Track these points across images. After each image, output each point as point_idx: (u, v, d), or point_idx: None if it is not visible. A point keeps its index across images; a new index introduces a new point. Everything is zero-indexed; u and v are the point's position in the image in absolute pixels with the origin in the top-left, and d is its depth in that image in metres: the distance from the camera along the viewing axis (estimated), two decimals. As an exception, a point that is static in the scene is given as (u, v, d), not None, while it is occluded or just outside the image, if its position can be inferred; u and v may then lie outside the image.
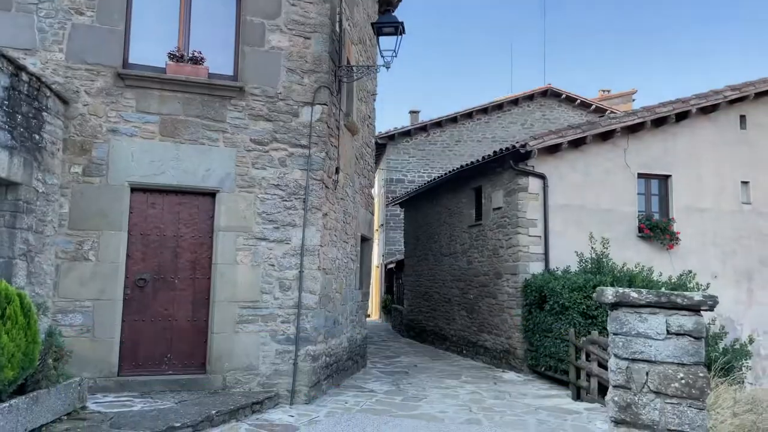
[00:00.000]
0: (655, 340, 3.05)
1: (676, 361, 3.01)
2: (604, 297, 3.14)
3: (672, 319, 3.03)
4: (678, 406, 2.98)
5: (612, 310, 3.19)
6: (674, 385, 2.98)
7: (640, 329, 3.08)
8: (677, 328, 3.02)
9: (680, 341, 3.01)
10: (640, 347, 3.07)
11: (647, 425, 3.02)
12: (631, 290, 3.08)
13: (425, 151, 25.08)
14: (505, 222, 12.10)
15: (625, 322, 3.10)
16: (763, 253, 12.58)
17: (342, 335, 9.69)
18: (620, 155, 12.13)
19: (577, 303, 9.67)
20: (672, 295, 3.00)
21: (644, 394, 3.04)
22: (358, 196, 10.90)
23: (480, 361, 13.05)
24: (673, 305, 3.01)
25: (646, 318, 3.07)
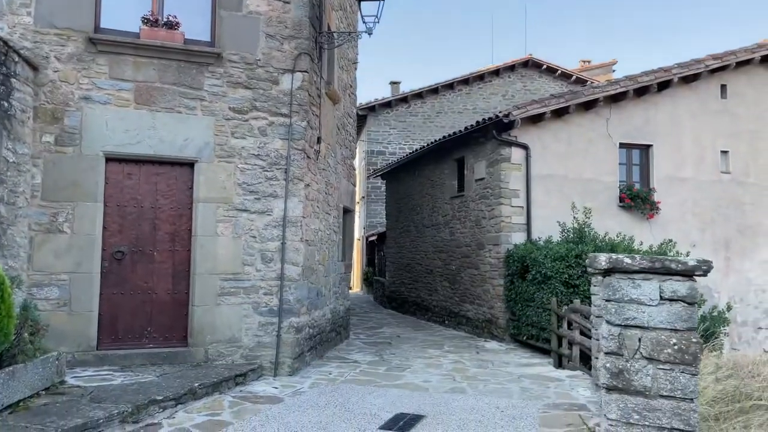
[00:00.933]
0: (648, 306, 3.01)
1: (669, 326, 2.97)
2: (597, 263, 3.08)
3: (665, 285, 2.99)
4: (670, 371, 2.95)
5: (604, 276, 3.14)
6: (667, 350, 2.95)
7: (633, 295, 3.04)
8: (671, 294, 2.98)
9: (673, 307, 2.98)
10: (632, 313, 3.03)
11: (639, 391, 2.99)
12: (624, 256, 3.03)
13: (406, 122, 24.89)
14: (488, 193, 12.06)
15: (617, 288, 3.05)
16: (740, 222, 12.75)
17: (325, 307, 9.64)
18: (602, 125, 12.10)
19: (560, 272, 9.71)
20: (666, 260, 2.96)
21: (636, 360, 3.01)
22: (340, 167, 10.75)
23: (462, 331, 13.13)
24: (667, 270, 2.96)
25: (639, 284, 3.03)
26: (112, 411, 5.32)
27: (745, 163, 12.84)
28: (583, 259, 9.71)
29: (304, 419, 5.91)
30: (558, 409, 6.44)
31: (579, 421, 5.98)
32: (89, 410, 5.30)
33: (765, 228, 12.86)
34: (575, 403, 6.71)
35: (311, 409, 6.29)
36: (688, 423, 2.89)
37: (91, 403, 5.58)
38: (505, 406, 6.55)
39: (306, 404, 6.50)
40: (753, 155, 12.88)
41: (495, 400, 6.86)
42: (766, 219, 12.87)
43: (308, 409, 6.29)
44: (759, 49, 12.48)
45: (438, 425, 5.84)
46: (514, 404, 6.66)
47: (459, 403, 6.67)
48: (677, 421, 2.91)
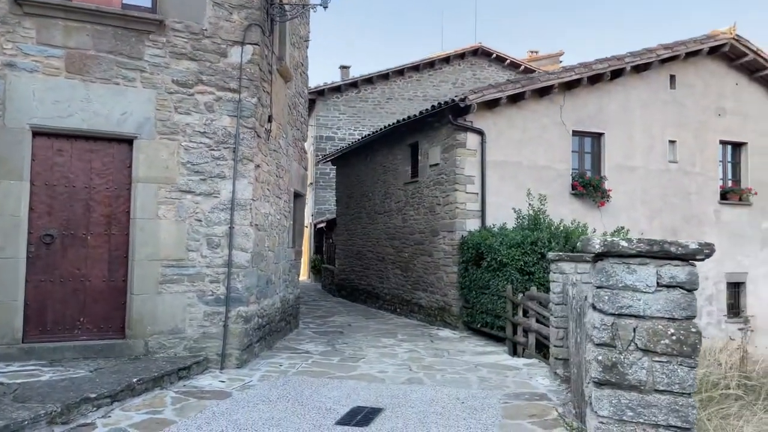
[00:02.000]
0: (644, 293, 2.76)
1: (667, 315, 2.74)
2: (590, 246, 2.81)
3: (663, 270, 2.74)
4: (667, 364, 2.72)
5: (597, 261, 2.87)
6: (664, 341, 2.72)
7: (628, 281, 2.78)
8: (669, 280, 2.74)
9: (671, 294, 2.74)
10: (627, 301, 2.78)
11: (634, 386, 2.75)
12: (620, 239, 2.76)
13: (356, 108, 24.46)
14: (442, 179, 11.83)
15: (611, 274, 2.79)
16: (686, 212, 13.00)
17: (275, 295, 9.18)
18: (557, 112, 12.04)
19: (515, 259, 9.58)
20: (665, 243, 2.71)
21: (631, 352, 2.76)
22: (291, 149, 10.26)
23: (415, 319, 12.91)
24: (666, 254, 2.72)
25: (634, 269, 2.78)
26: (38, 411, 4.76)
27: (691, 153, 13.08)
28: (538, 246, 9.61)
29: (255, 415, 5.50)
30: (519, 399, 6.26)
31: (542, 411, 5.81)
32: (12, 411, 4.73)
33: (709, 217, 13.17)
34: (535, 393, 6.54)
35: (262, 404, 5.88)
36: (686, 420, 2.67)
37: (14, 402, 5.00)
38: (465, 397, 6.31)
39: (256, 399, 6.08)
40: (699, 146, 13.14)
41: (454, 390, 6.62)
42: (710, 208, 13.18)
43: (258, 404, 5.88)
44: (708, 40, 12.69)
45: (398, 418, 5.54)
46: (474, 395, 6.43)
47: (418, 395, 6.39)
48: (674, 417, 2.68)
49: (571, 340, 5.76)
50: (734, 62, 13.28)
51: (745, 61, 13.17)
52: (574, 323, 5.34)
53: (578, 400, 5.01)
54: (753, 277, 13.39)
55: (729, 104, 13.41)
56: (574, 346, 5.37)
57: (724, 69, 13.35)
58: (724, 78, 13.36)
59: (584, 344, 4.46)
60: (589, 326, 2.96)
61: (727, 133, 13.36)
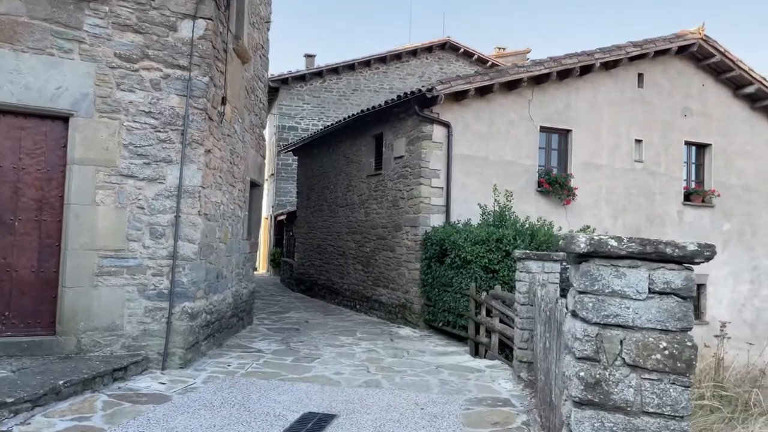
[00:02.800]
0: (634, 301, 2.39)
1: (659, 326, 2.37)
2: (573, 245, 2.42)
3: (657, 274, 2.37)
4: (658, 383, 2.36)
5: (580, 262, 2.48)
6: (655, 356, 2.35)
7: (615, 286, 2.40)
8: (662, 286, 2.37)
9: (665, 302, 2.37)
10: (614, 309, 2.40)
11: (619, 407, 2.38)
12: (609, 237, 2.38)
13: (320, 98, 23.89)
14: (407, 172, 11.43)
15: (597, 278, 2.41)
16: (650, 211, 12.91)
17: (226, 290, 8.64)
18: (525, 107, 11.77)
19: (480, 257, 9.25)
20: (660, 243, 2.34)
21: (617, 368, 2.39)
22: (248, 136, 9.70)
23: (375, 316, 12.51)
24: (660, 256, 2.35)
25: (624, 272, 2.40)
26: (-61, 420, 4.17)
27: (656, 152, 12.99)
28: (503, 244, 9.30)
29: (194, 422, 5.00)
30: (481, 405, 5.90)
31: (505, 418, 5.46)
32: None
33: (672, 217, 13.11)
34: (498, 398, 6.21)
35: (203, 410, 5.38)
36: (679, 447, 2.31)
37: None
38: (424, 402, 5.93)
39: (197, 404, 5.57)
40: (665, 145, 13.06)
41: (413, 395, 6.23)
42: (673, 209, 13.12)
43: (200, 410, 5.37)
44: (676, 39, 12.60)
45: (351, 426, 5.12)
46: (435, 400, 6.05)
47: (374, 399, 5.98)
48: (665, 444, 2.32)
49: (538, 344, 5.42)
50: (701, 62, 13.24)
51: (712, 62, 13.13)
52: (543, 326, 4.99)
53: (545, 409, 4.67)
54: (713, 279, 13.40)
55: (695, 105, 13.37)
56: (542, 350, 5.02)
57: (691, 69, 13.30)
58: (691, 78, 13.31)
59: (556, 352, 4.10)
60: (568, 336, 2.57)
61: (692, 134, 13.32)
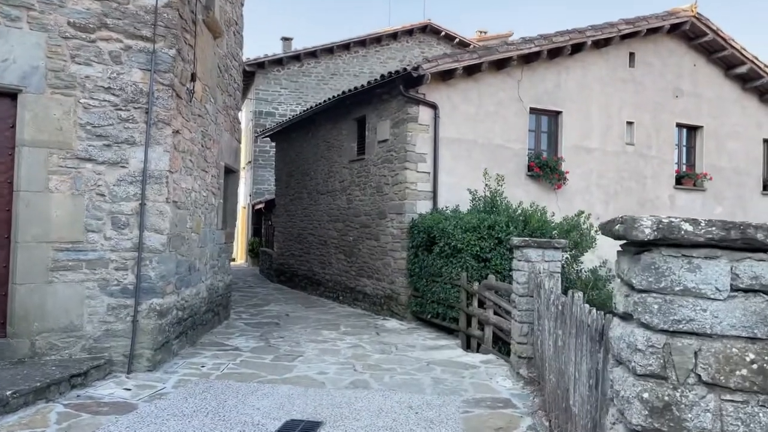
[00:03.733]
0: (712, 301, 1.86)
1: (745, 333, 1.85)
2: (636, 231, 1.87)
3: (742, 267, 1.84)
4: (744, 406, 1.82)
5: (641, 252, 1.94)
6: (740, 372, 1.83)
7: (688, 283, 1.87)
8: (750, 282, 1.84)
9: (752, 302, 1.85)
10: (687, 312, 1.87)
11: (695, 438, 1.83)
12: (682, 219, 1.84)
13: (298, 83, 23.18)
14: (392, 156, 10.85)
15: (664, 272, 1.87)
16: (641, 195, 12.52)
17: (200, 284, 8.01)
18: (514, 87, 11.24)
19: (471, 245, 8.74)
20: (749, 227, 1.80)
21: (690, 387, 1.86)
22: (222, 117, 9.03)
23: (359, 307, 11.96)
24: (747, 244, 1.81)
25: (699, 265, 1.86)
26: None
27: (648, 135, 12.58)
28: (496, 231, 8.80)
29: (162, 437, 4.42)
30: (480, 407, 5.40)
31: (508, 422, 4.97)
32: None
33: (664, 202, 12.74)
34: (498, 398, 5.71)
35: (173, 420, 4.79)
36: (775, 491, 1.79)
37: None
38: (419, 405, 5.41)
39: (166, 412, 4.98)
40: (656, 127, 12.65)
41: (406, 396, 5.70)
42: (665, 193, 12.75)
43: (168, 420, 4.78)
44: (669, 17, 12.15)
45: (339, 436, 4.59)
46: (429, 402, 5.54)
47: (363, 403, 5.44)
48: (756, 487, 1.80)
49: (546, 340, 4.91)
50: (693, 41, 12.82)
51: (705, 41, 12.72)
52: (553, 322, 4.47)
53: (558, 415, 4.16)
54: (704, 265, 13.09)
55: (686, 86, 12.97)
56: (552, 348, 4.51)
57: (683, 49, 12.88)
58: (682, 58, 12.89)
59: (574, 352, 3.59)
60: (622, 346, 2.03)
61: (684, 115, 12.93)
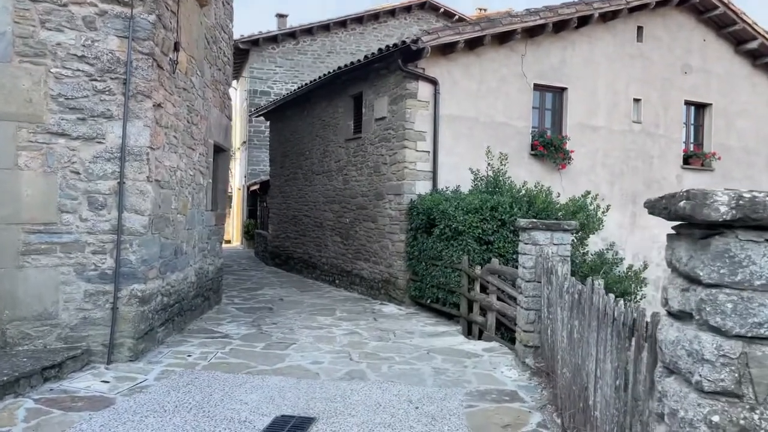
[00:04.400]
0: (802, 300, 1.42)
1: None
2: (707, 209, 1.45)
3: (844, 255, 1.42)
4: None
5: (711, 236, 1.51)
6: (840, 390, 1.40)
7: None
8: None
9: None
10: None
11: (780, 473, 1.42)
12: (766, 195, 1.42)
13: (294, 61, 22.60)
14: (390, 135, 10.39)
15: (742, 262, 1.45)
16: (648, 176, 12.10)
17: (187, 267, 7.61)
18: (517, 62, 10.75)
19: (473, 227, 8.33)
20: None
21: (774, 409, 1.43)
22: (210, 93, 8.55)
23: (355, 291, 11.58)
24: None
25: (785, 253, 1.43)
26: None
27: (655, 113, 12.12)
28: (499, 212, 8.39)
29: (139, 436, 4.04)
30: (485, 400, 5.03)
31: (516, 418, 4.60)
32: None
33: (670, 182, 12.32)
34: (504, 390, 5.34)
35: (152, 417, 4.41)
36: None
37: None
38: (419, 399, 5.03)
39: (146, 408, 4.59)
40: (664, 105, 12.19)
41: (405, 389, 5.32)
42: (672, 173, 12.33)
43: (147, 417, 4.40)
44: (680, -12, 11.63)
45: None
46: (430, 395, 5.16)
47: (360, 396, 5.07)
48: None
49: (558, 331, 4.52)
50: (703, 15, 12.30)
51: (715, 15, 12.21)
52: (568, 312, 4.08)
53: (574, 413, 3.78)
54: (711, 247, 12.73)
55: (695, 62, 12.48)
56: (566, 340, 4.12)
57: (692, 23, 12.36)
58: (691, 32, 12.38)
59: (594, 347, 3.19)
60: (681, 354, 1.62)
61: (692, 92, 12.46)
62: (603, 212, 9.14)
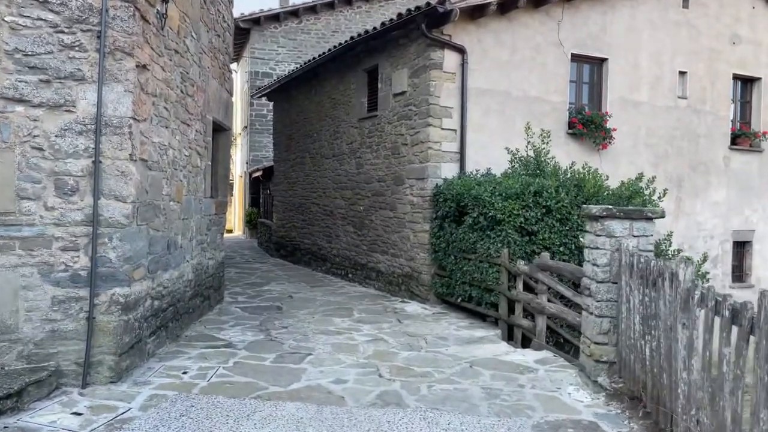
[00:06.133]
0: None
1: None
2: None
3: None
4: None
5: None
6: None
7: None
8: None
9: None
10: None
11: None
12: None
13: (297, 41, 21.39)
14: (411, 112, 9.22)
15: None
16: (694, 158, 10.94)
17: (183, 264, 6.49)
18: (553, 29, 9.55)
19: (513, 215, 7.18)
20: None
21: None
22: (208, 61, 7.39)
23: (371, 287, 10.46)
24: None
25: None
26: None
27: (702, 87, 10.93)
28: (543, 198, 7.24)
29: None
30: (561, 437, 3.92)
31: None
32: None
33: (717, 165, 11.17)
34: (579, 421, 4.24)
35: (133, 470, 3.30)
36: None
37: None
38: (477, 436, 3.92)
39: (126, 456, 3.49)
40: (711, 79, 11.00)
41: (456, 420, 4.22)
42: (719, 154, 11.17)
43: (127, 471, 3.30)
44: (733, -53, 10.40)
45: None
46: (489, 428, 4.05)
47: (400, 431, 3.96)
48: None
49: (685, 357, 3.36)
50: (755, -21, 11.10)
51: (768, -22, 11.01)
52: (703, 333, 2.94)
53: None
54: (760, 236, 11.60)
55: (744, 32, 11.27)
56: (702, 372, 2.99)
57: (742, -13, 11.16)
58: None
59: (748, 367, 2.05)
60: None
61: (740, 65, 11.27)
62: (660, 197, 8.00)
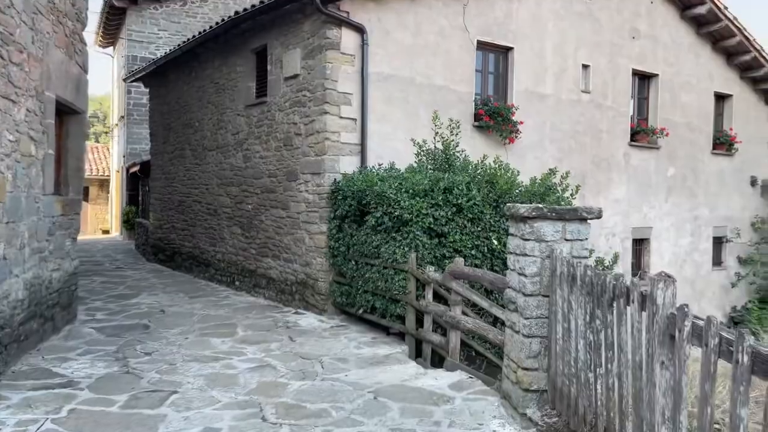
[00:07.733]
0: None
1: None
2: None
3: None
4: None
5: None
6: None
7: None
8: None
9: None
10: None
11: None
12: None
13: (181, 24, 19.61)
14: (305, 98, 8.14)
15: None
16: (596, 153, 10.70)
17: (9, 280, 5.03)
18: (458, 12, 8.84)
19: (422, 215, 6.32)
20: None
21: None
22: (48, 25, 5.90)
23: (261, 296, 9.26)
24: None
25: None
26: None
27: (604, 82, 10.70)
28: (453, 195, 6.44)
29: None
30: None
31: None
32: None
33: (618, 161, 11.02)
34: (513, 472, 3.39)
35: None
36: None
37: None
38: None
39: None
40: (612, 73, 10.81)
41: (360, 485, 3.23)
42: (620, 150, 11.02)
43: None
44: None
45: None
46: (404, 496, 3.10)
47: None
48: None
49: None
50: (653, -26, 11.03)
51: (665, -26, 10.97)
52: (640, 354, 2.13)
53: None
54: (657, 232, 11.63)
55: (643, 26, 11.20)
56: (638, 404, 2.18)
57: (641, -19, 11.06)
58: (640, -8, 11.08)
59: None
60: None
61: (639, 60, 11.19)
62: (572, 195, 7.47)
